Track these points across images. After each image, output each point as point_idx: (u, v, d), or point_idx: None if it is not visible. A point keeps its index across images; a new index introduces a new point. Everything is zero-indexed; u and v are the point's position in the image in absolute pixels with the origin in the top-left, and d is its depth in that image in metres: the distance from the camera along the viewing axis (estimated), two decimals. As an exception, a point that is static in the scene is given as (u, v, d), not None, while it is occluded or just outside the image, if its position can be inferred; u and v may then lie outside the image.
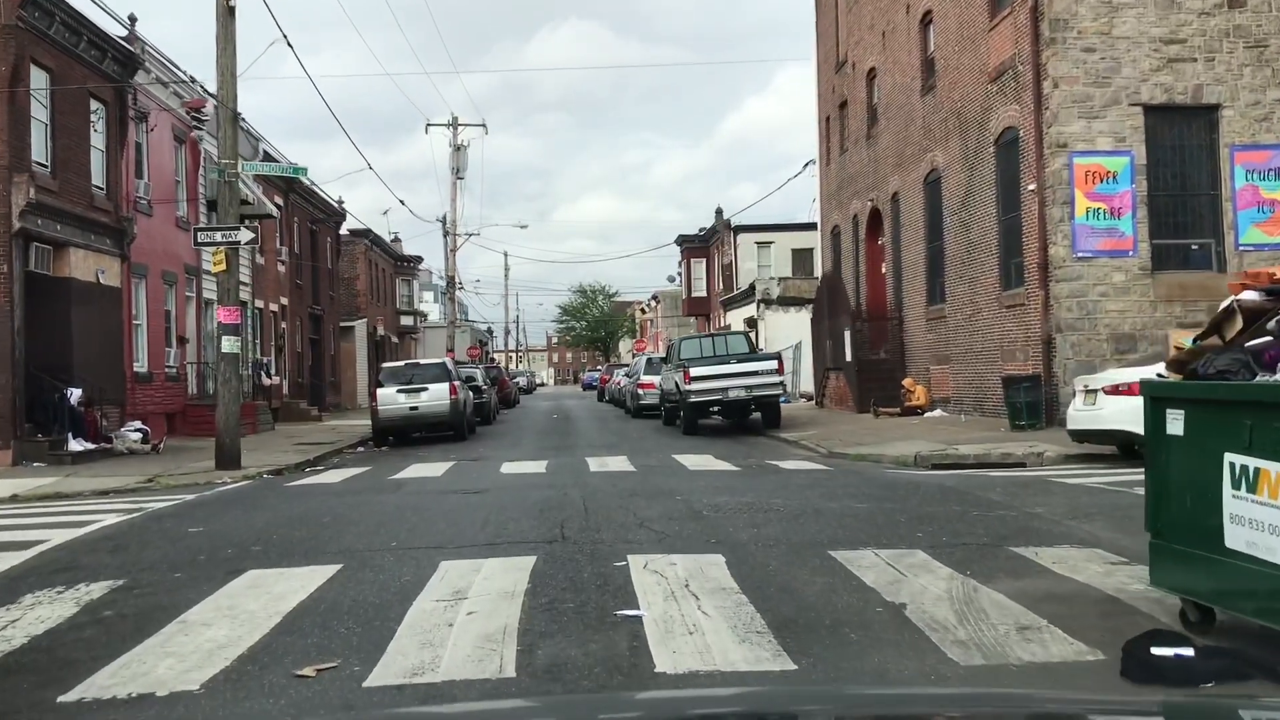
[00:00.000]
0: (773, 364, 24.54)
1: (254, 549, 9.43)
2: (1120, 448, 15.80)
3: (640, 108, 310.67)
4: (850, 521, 9.80)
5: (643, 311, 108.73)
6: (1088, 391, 15.29)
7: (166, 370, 26.05)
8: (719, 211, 58.41)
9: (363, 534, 9.99)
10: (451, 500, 12.37)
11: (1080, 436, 15.58)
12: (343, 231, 49.95)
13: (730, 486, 13.02)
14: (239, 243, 18.16)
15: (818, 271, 55.35)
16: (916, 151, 27.06)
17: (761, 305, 48.39)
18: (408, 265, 63.95)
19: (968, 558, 8.09)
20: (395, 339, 58.77)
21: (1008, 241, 22.04)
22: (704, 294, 63.88)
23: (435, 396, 24.66)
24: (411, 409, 24.61)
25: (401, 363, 27.26)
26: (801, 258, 56.18)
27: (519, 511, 11.08)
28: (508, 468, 17.14)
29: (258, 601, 7.20)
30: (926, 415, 25.08)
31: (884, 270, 30.89)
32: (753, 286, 49.04)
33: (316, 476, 17.12)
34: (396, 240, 63.77)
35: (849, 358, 28.84)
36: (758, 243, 56.81)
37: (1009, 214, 21.91)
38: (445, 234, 52.45)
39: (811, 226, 57.64)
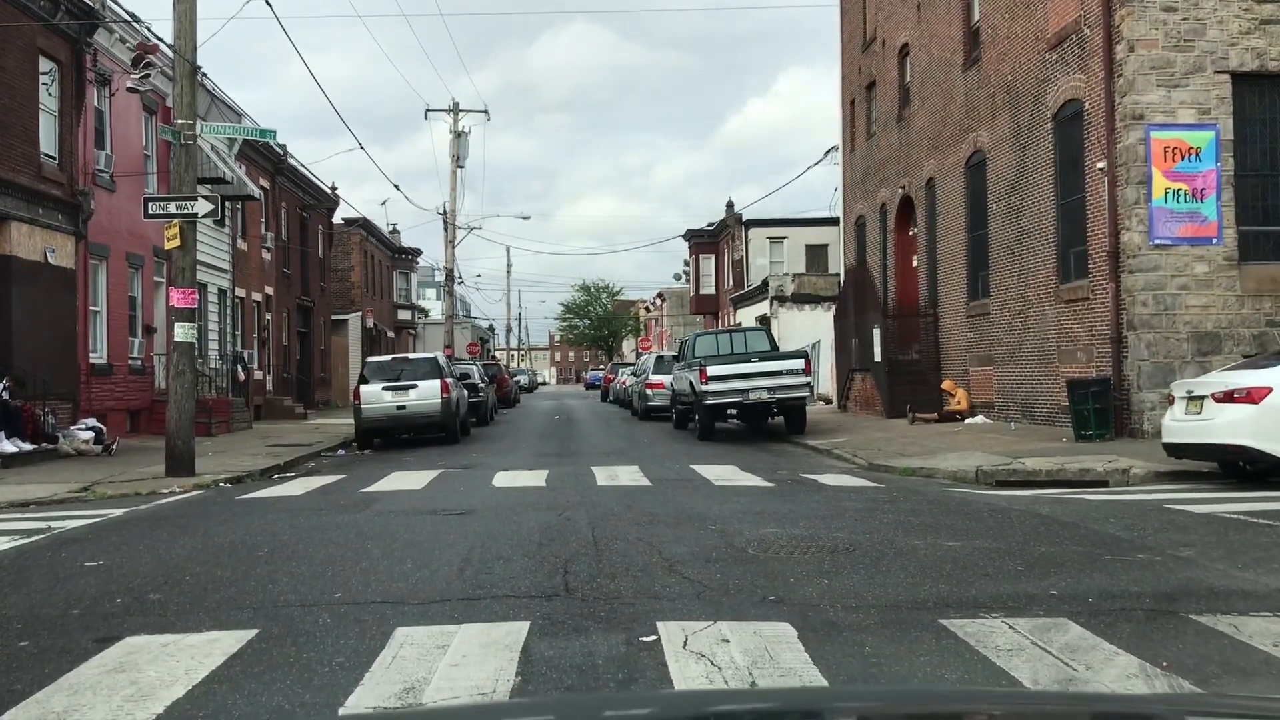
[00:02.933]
0: (799, 363, 22.12)
1: (152, 598, 7.03)
2: (1222, 465, 13.41)
3: (643, 109, 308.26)
4: (950, 569, 7.37)
5: (647, 310, 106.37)
6: (1191, 398, 12.87)
7: (130, 362, 23.65)
8: (730, 205, 56.00)
9: (303, 577, 7.58)
10: (428, 525, 9.95)
11: (1180, 451, 13.16)
12: (337, 220, 47.59)
13: (771, 511, 10.60)
14: (196, 215, 15.76)
15: (834, 268, 52.97)
16: (957, 132, 24.63)
17: (775, 303, 46.00)
18: (406, 258, 61.55)
19: (1143, 634, 5.68)
20: (392, 334, 56.37)
21: (1067, 228, 19.62)
22: (713, 291, 61.45)
23: (425, 395, 22.25)
24: (399, 408, 22.19)
25: (388, 357, 24.78)
26: (816, 253, 53.85)
27: (510, 544, 8.67)
28: (501, 479, 14.73)
29: (109, 703, 4.80)
30: (968, 422, 22.66)
31: (915, 263, 28.47)
32: (765, 283, 46.66)
33: (279, 487, 14.72)
34: (395, 232, 61.37)
35: (878, 358, 26.42)
36: (770, 238, 54.47)
37: (1069, 197, 19.49)
38: (445, 224, 50.05)
39: (827, 221, 55.28)
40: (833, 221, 55.56)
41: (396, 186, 69.34)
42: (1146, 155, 17.41)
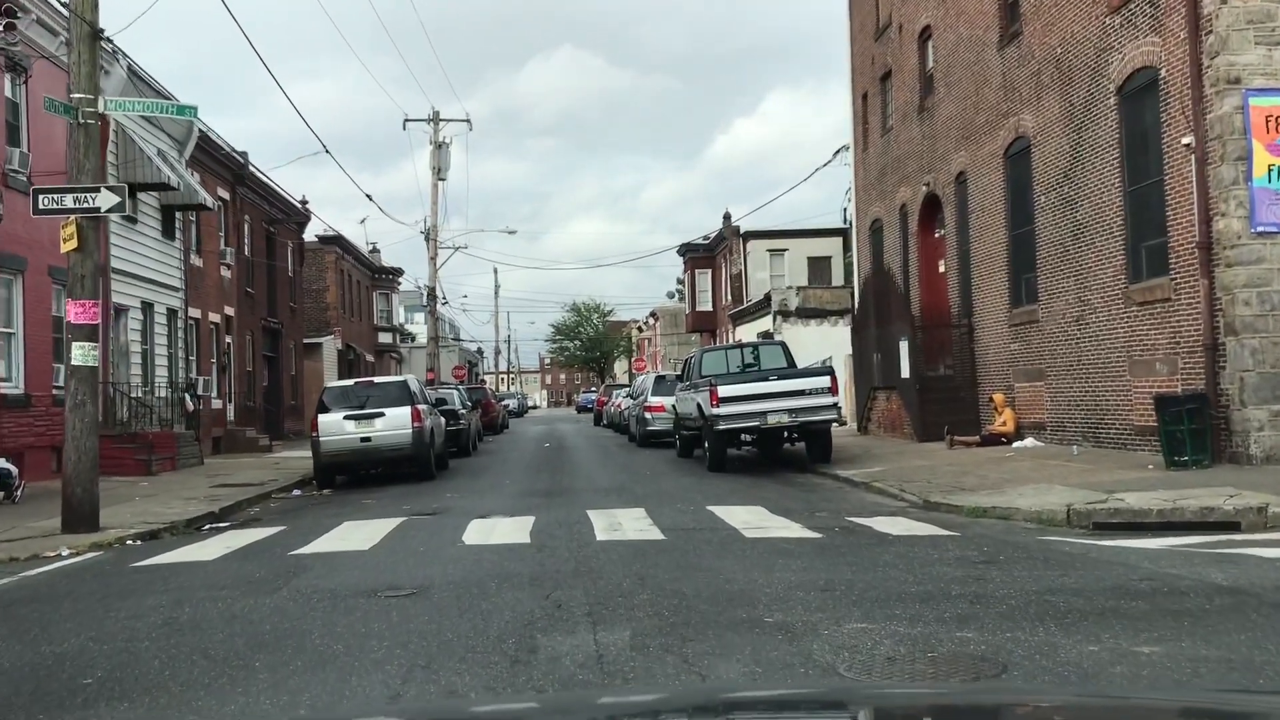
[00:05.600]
0: (824, 381, 19.19)
1: None
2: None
3: (632, 132, 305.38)
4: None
5: (640, 330, 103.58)
6: (1362, 417, 9.99)
7: (54, 392, 20.58)
8: (727, 216, 53.18)
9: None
10: (357, 618, 6.98)
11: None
12: (310, 238, 44.69)
13: (841, 584, 7.63)
14: (99, 210, 12.82)
15: (837, 280, 50.24)
16: (993, 118, 21.83)
17: (778, 318, 43.15)
18: (387, 278, 58.57)
19: None
20: (371, 358, 53.34)
21: (1139, 218, 16.78)
22: (710, 308, 58.65)
23: (393, 424, 19.27)
24: (363, 440, 19.20)
25: (350, 381, 21.70)
26: (819, 266, 51.13)
27: (469, 661, 5.70)
28: (475, 531, 11.77)
29: None
30: (1017, 446, 19.74)
31: (943, 268, 25.63)
32: (768, 297, 43.82)
33: (194, 546, 11.72)
34: (375, 251, 58.41)
35: (906, 374, 23.52)
36: (770, 250, 51.67)
37: (1141, 182, 16.66)
38: (426, 239, 47.17)
39: (830, 231, 52.59)
40: (836, 232, 52.88)
41: (369, 197, 64.79)
42: (1245, 126, 14.58)
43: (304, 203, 40.07)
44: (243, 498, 17.35)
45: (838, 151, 32.47)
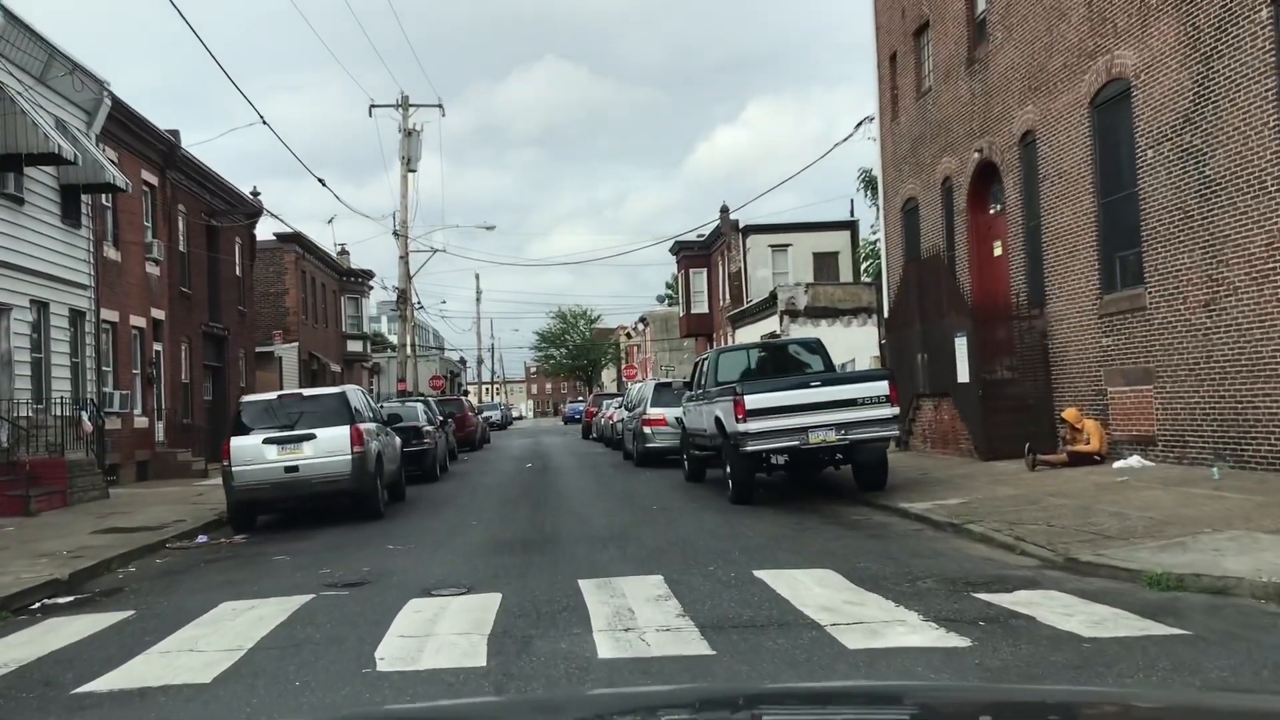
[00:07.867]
0: (882, 387, 14.91)
1: None
2: None
3: (614, 143, 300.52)
4: None
5: (629, 336, 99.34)
6: None
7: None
8: (724, 210, 48.97)
9: None
10: None
11: None
12: (266, 235, 40.34)
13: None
14: None
15: (844, 277, 46.07)
16: (1074, 60, 17.66)
17: (785, 318, 38.94)
18: (356, 281, 54.13)
19: None
20: (338, 368, 48.89)
21: (1308, 166, 12.62)
22: (706, 309, 54.46)
23: (327, 449, 14.94)
24: (288, 470, 14.87)
25: (273, 395, 17.10)
26: (825, 262, 47.01)
27: None
28: (405, 630, 7.49)
29: None
30: (1120, 466, 15.51)
31: (998, 250, 21.46)
32: (774, 295, 39.64)
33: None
34: (344, 253, 53.99)
35: (965, 377, 19.29)
36: (772, 246, 47.54)
37: (1310, 118, 12.50)
38: (396, 236, 42.86)
39: (837, 225, 48.45)
40: (843, 225, 48.73)
41: (321, 181, 57.57)
42: None
43: (255, 193, 35.69)
44: (121, 550, 13.05)
45: (860, 123, 28.25)
